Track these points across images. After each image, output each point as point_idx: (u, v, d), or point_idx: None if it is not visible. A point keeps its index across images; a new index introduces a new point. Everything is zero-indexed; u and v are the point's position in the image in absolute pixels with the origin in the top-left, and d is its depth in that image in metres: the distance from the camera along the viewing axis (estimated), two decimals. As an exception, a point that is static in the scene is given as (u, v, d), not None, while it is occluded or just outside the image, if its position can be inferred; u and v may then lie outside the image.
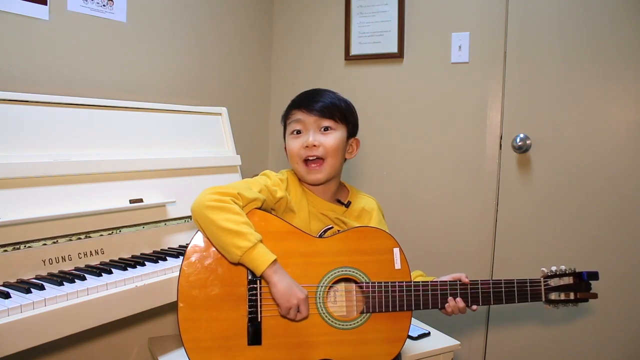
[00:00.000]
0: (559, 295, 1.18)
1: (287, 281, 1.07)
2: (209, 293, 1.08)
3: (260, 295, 1.09)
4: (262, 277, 1.07)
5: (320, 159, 1.22)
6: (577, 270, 1.20)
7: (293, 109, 1.26)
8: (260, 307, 1.09)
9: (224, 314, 1.08)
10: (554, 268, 1.20)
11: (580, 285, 1.19)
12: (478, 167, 1.97)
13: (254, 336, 1.08)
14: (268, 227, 1.12)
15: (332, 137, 1.22)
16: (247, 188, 1.14)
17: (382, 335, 1.15)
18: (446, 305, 1.17)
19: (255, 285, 1.09)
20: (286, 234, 1.13)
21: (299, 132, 1.23)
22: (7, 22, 1.40)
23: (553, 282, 1.18)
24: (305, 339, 1.11)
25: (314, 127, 1.22)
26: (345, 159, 1.30)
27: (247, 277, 1.09)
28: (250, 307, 1.09)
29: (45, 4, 1.47)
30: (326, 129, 1.23)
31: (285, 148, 1.30)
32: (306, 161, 1.22)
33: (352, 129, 1.29)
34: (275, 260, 1.06)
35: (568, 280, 1.19)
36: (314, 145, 1.20)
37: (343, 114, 1.25)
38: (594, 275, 1.19)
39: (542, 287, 1.18)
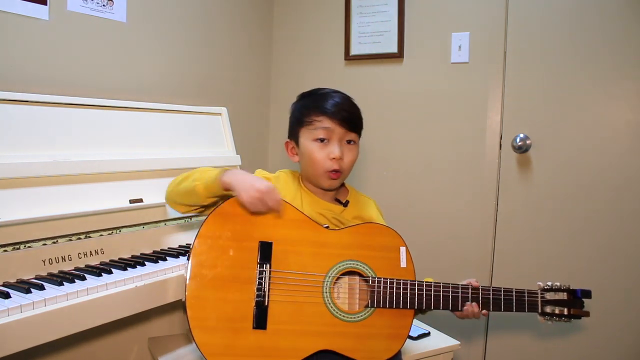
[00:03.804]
0: (554, 309, 1.19)
1: (243, 176, 1.10)
2: (218, 273, 1.08)
3: (269, 279, 1.10)
4: (223, 185, 1.11)
5: (340, 172, 1.24)
6: (571, 287, 1.21)
7: (321, 114, 1.23)
8: (268, 291, 1.10)
9: (232, 296, 1.08)
10: (549, 282, 1.21)
11: (574, 302, 1.20)
12: (478, 167, 1.97)
13: (260, 320, 1.09)
14: (281, 213, 1.14)
15: (354, 152, 1.26)
16: None
17: (384, 331, 1.16)
18: (465, 308, 1.18)
19: (264, 269, 1.10)
20: (300, 222, 1.16)
21: (323, 139, 1.23)
22: (7, 22, 1.40)
23: (549, 296, 1.20)
24: (309, 327, 1.12)
25: (339, 138, 1.23)
26: None
27: (257, 260, 1.10)
28: (258, 290, 1.09)
29: (45, 4, 1.47)
30: (349, 142, 1.25)
31: (288, 142, 1.31)
32: (328, 172, 1.24)
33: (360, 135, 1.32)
34: (226, 169, 1.12)
35: (562, 295, 1.20)
36: (340, 159, 1.22)
37: (361, 125, 1.28)
38: (587, 294, 1.20)
39: (539, 299, 1.19)
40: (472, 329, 2.01)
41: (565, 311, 1.19)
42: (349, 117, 1.23)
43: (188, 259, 1.08)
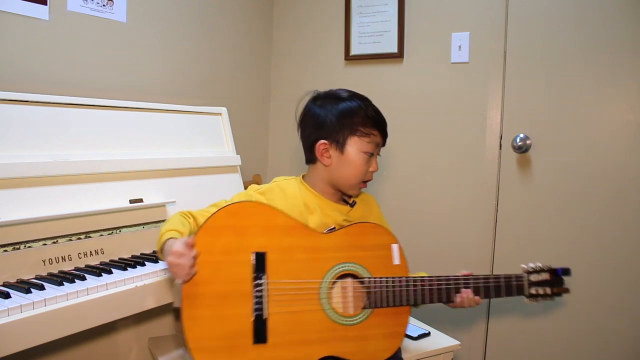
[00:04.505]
0: (538, 290, 1.23)
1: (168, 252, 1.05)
2: (213, 290, 1.06)
3: (267, 292, 1.09)
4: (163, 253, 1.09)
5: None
6: (552, 267, 1.25)
7: (377, 129, 1.24)
8: (267, 305, 1.09)
9: (229, 312, 1.06)
10: (532, 264, 1.24)
11: (555, 281, 1.24)
12: (478, 167, 1.97)
13: (260, 334, 1.07)
14: (272, 221, 1.13)
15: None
16: (204, 210, 1.21)
17: (382, 331, 1.16)
18: (457, 297, 1.18)
19: (261, 282, 1.09)
20: (290, 229, 1.14)
21: (372, 153, 1.24)
22: (7, 22, 1.40)
23: (533, 278, 1.23)
24: (310, 335, 1.11)
25: (378, 152, 1.27)
26: None
27: (252, 273, 1.09)
28: (256, 303, 1.08)
29: (45, 4, 1.47)
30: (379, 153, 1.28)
31: (323, 144, 1.22)
32: (363, 182, 1.26)
33: None
34: (172, 238, 1.08)
35: (545, 276, 1.24)
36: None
37: None
38: (567, 271, 1.25)
39: (526, 282, 1.22)
40: (472, 329, 2.01)
41: (549, 290, 1.24)
42: (387, 132, 1.27)
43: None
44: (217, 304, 1.06)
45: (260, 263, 1.09)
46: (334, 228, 1.20)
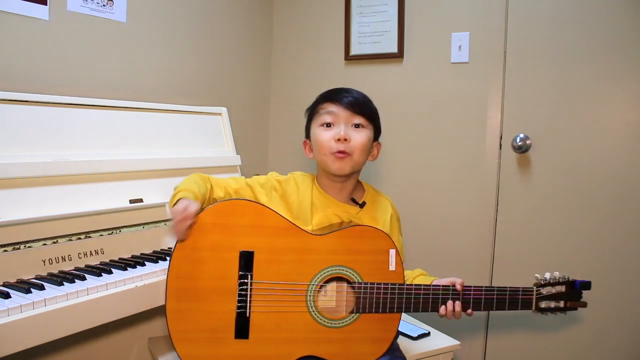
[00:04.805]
0: (550, 304, 1.17)
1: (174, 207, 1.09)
2: (198, 285, 1.08)
3: (251, 291, 1.10)
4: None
5: (347, 154, 1.22)
6: (570, 279, 1.19)
7: (325, 101, 1.25)
8: (250, 302, 1.09)
9: (213, 307, 1.08)
10: (547, 275, 1.19)
11: (572, 294, 1.18)
12: (478, 167, 1.97)
13: (242, 330, 1.09)
14: (263, 221, 1.12)
15: (363, 135, 1.23)
16: (222, 180, 1.27)
17: (369, 335, 1.15)
18: (441, 308, 1.17)
19: (246, 280, 1.09)
20: (282, 230, 1.13)
21: (329, 124, 1.23)
22: (7, 22, 1.40)
23: (545, 291, 1.17)
24: (292, 335, 1.12)
25: (345, 121, 1.22)
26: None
27: (238, 271, 1.09)
28: (239, 301, 1.09)
29: (45, 4, 1.47)
30: (357, 125, 1.24)
31: (305, 142, 1.32)
32: (334, 153, 1.23)
33: (376, 132, 1.30)
34: (185, 198, 1.10)
35: (560, 288, 1.18)
36: (345, 139, 1.21)
37: (372, 114, 1.27)
38: (587, 285, 1.19)
39: (534, 296, 1.18)
40: (472, 329, 2.01)
41: (562, 304, 1.18)
42: (354, 101, 1.23)
43: (167, 273, 1.08)
44: (201, 298, 1.08)
45: (246, 262, 1.10)
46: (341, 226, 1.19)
